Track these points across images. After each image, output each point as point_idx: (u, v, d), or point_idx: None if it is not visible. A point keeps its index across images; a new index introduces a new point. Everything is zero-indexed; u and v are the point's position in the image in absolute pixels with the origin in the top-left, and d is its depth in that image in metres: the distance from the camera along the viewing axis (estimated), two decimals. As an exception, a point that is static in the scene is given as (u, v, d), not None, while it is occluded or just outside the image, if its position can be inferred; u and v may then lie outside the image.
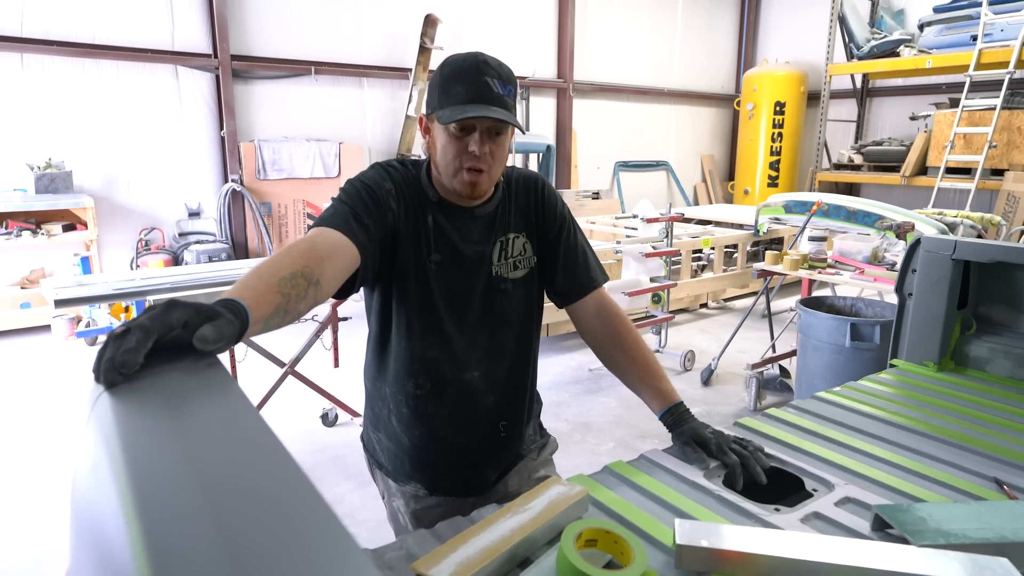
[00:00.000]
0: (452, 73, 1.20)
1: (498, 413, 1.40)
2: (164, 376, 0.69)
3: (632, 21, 8.99)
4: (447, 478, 1.41)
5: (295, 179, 6.32)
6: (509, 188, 1.38)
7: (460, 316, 1.32)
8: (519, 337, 1.40)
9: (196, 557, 0.41)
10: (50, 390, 4.01)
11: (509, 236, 1.36)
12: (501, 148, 1.24)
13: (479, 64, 1.19)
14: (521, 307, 1.39)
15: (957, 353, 1.93)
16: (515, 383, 1.42)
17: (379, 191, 1.23)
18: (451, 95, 1.19)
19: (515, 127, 1.23)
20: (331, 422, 3.56)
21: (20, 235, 5.00)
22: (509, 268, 1.36)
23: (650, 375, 1.36)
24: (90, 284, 3.00)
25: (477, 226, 1.32)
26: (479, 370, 1.35)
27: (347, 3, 6.61)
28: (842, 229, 4.65)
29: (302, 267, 0.98)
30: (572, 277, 1.41)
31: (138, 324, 0.69)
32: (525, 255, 1.38)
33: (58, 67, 5.28)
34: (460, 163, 1.21)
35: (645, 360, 1.37)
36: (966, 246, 1.84)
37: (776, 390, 4.06)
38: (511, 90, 1.22)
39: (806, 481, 1.21)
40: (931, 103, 7.91)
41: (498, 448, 1.43)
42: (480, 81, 1.18)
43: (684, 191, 9.89)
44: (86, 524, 0.58)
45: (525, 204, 1.38)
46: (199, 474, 0.51)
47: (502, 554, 0.91)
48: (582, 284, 1.42)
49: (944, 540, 0.96)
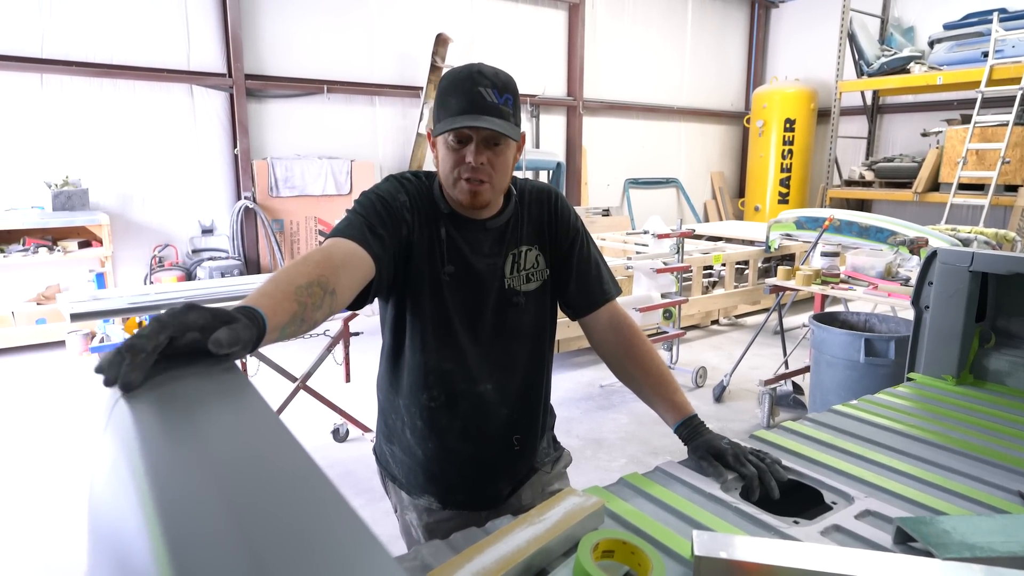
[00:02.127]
0: (448, 86, 1.21)
1: (511, 426, 1.39)
2: (181, 380, 0.69)
3: (642, 39, 9.06)
4: (460, 491, 1.40)
5: (307, 196, 6.38)
6: (521, 200, 1.37)
7: (473, 328, 1.32)
8: (532, 350, 1.40)
9: (218, 558, 0.40)
10: (64, 404, 4.03)
11: (521, 249, 1.35)
12: (501, 158, 1.22)
13: (472, 75, 1.19)
14: (534, 320, 1.38)
15: (976, 366, 1.91)
16: (529, 396, 1.41)
17: (394, 203, 1.23)
18: (446, 107, 1.19)
19: (511, 137, 1.20)
20: (342, 437, 3.55)
21: (37, 251, 5.06)
22: (522, 281, 1.35)
23: (664, 387, 1.34)
24: (105, 299, 3.02)
25: (488, 239, 1.31)
26: (492, 382, 1.34)
27: (359, 23, 6.71)
28: (854, 245, 4.62)
29: (318, 276, 0.98)
30: (585, 289, 1.40)
31: (155, 318, 0.71)
32: (538, 268, 1.37)
33: (76, 87, 5.38)
34: (458, 174, 1.21)
35: (659, 372, 1.36)
36: (984, 258, 1.82)
37: (789, 406, 4.02)
38: (509, 99, 1.20)
39: (825, 494, 1.19)
40: (943, 119, 7.90)
41: (512, 461, 1.41)
42: (473, 92, 1.17)
43: (694, 208, 9.88)
44: (104, 528, 0.58)
45: (538, 217, 1.37)
46: (218, 473, 0.51)
47: (517, 565, 0.90)
48: (595, 296, 1.41)
49: (970, 553, 0.94)
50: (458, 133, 1.19)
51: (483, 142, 1.19)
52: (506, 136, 1.19)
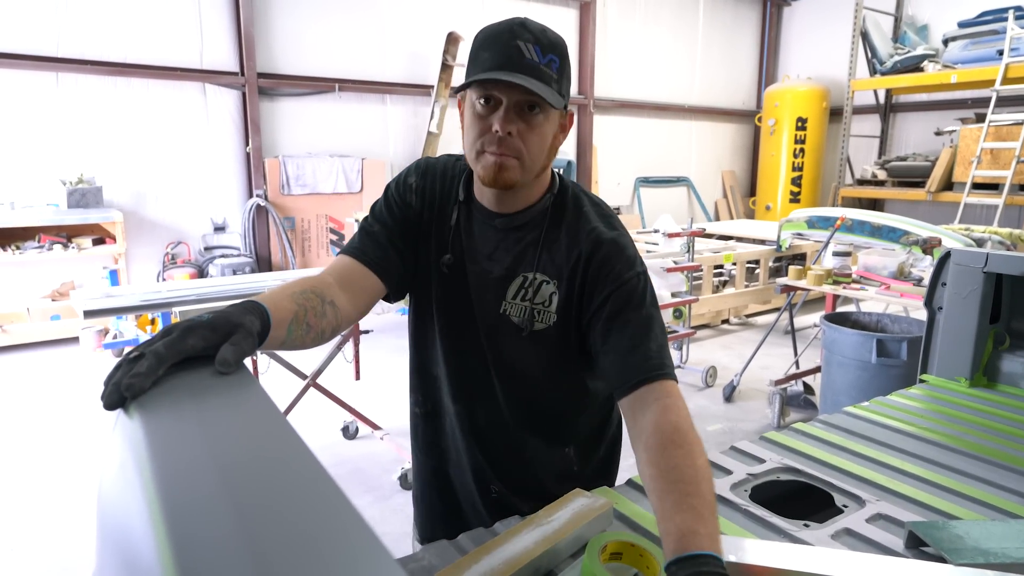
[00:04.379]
0: (484, 39, 1.00)
1: (488, 469, 1.19)
2: (188, 379, 0.70)
3: (653, 37, 9.03)
4: (439, 527, 1.26)
5: (318, 194, 6.40)
6: (561, 210, 1.10)
7: (459, 338, 1.16)
8: (534, 394, 1.16)
9: (222, 558, 0.40)
10: (77, 400, 4.07)
11: (536, 277, 1.09)
12: (536, 132, 1.00)
13: (513, 27, 0.98)
14: (538, 364, 1.13)
15: (990, 368, 1.89)
16: (518, 445, 1.18)
17: (399, 189, 1.16)
18: (478, 63, 0.99)
19: (550, 104, 0.98)
20: (352, 435, 3.57)
21: (52, 248, 5.11)
22: (525, 315, 1.10)
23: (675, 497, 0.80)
24: (118, 296, 3.04)
25: (494, 239, 1.11)
26: (460, 405, 1.18)
27: (371, 21, 6.72)
28: (866, 244, 4.58)
29: (311, 287, 0.97)
30: (622, 362, 1.00)
31: (152, 350, 0.68)
32: (548, 309, 1.09)
33: (91, 86, 5.42)
34: (482, 145, 1.00)
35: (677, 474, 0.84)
36: (998, 259, 1.80)
37: (800, 407, 3.99)
38: (554, 60, 0.99)
39: (836, 497, 1.18)
40: (956, 118, 7.81)
41: (492, 511, 1.18)
42: (511, 45, 0.97)
43: (705, 207, 9.84)
44: (111, 527, 0.58)
45: (569, 246, 1.08)
46: (223, 474, 0.51)
47: (525, 566, 0.90)
48: (629, 373, 0.98)
49: (983, 559, 0.93)
50: (485, 91, 0.98)
51: (515, 107, 0.98)
52: (545, 102, 0.97)
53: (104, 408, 0.66)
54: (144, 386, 0.65)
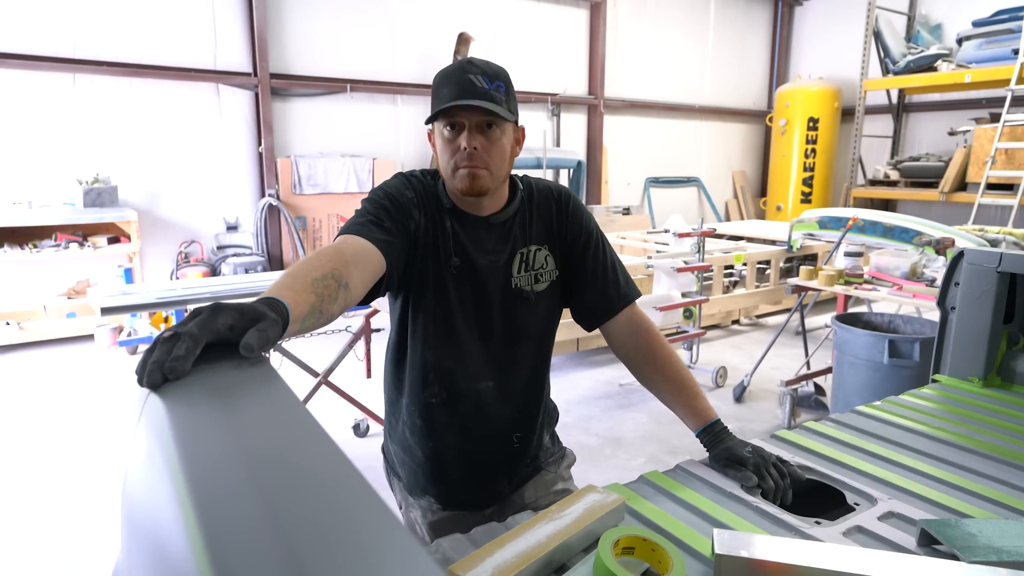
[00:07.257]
0: (442, 79, 1.22)
1: (512, 424, 1.38)
2: (212, 372, 0.70)
3: (663, 37, 9.01)
4: (461, 491, 1.40)
5: (330, 194, 6.44)
6: (529, 199, 1.36)
7: (478, 325, 1.32)
8: (537, 349, 1.39)
9: (253, 545, 0.41)
10: (93, 397, 4.12)
11: (530, 248, 1.34)
12: (496, 144, 1.22)
13: (464, 65, 1.21)
14: (543, 320, 1.37)
15: (1003, 368, 1.88)
16: (530, 395, 1.40)
17: (401, 199, 1.24)
18: (440, 97, 1.20)
19: (503, 118, 1.20)
20: (363, 432, 3.59)
21: (68, 247, 5.17)
22: (530, 281, 1.33)
23: (685, 393, 1.32)
24: (134, 293, 3.08)
25: (491, 235, 1.31)
26: (494, 381, 1.34)
27: (382, 22, 6.75)
28: (878, 245, 4.55)
29: (332, 269, 0.99)
30: (603, 294, 1.38)
31: (187, 332, 0.70)
32: (547, 268, 1.35)
33: (107, 86, 5.48)
34: (456, 163, 1.21)
35: (679, 377, 1.34)
36: (1012, 258, 1.79)
37: (811, 408, 3.98)
38: (500, 85, 1.21)
39: (848, 495, 1.19)
40: (971, 118, 7.74)
41: (512, 460, 1.41)
42: (464, 79, 1.18)
43: (715, 207, 9.80)
44: (139, 516, 0.59)
45: (547, 216, 1.36)
46: (250, 464, 0.52)
47: (538, 560, 0.91)
48: (613, 301, 1.38)
49: (996, 557, 0.93)
50: (451, 120, 1.20)
51: (476, 127, 1.20)
52: (499, 118, 1.20)
53: (145, 387, 0.67)
54: (185, 368, 0.67)
